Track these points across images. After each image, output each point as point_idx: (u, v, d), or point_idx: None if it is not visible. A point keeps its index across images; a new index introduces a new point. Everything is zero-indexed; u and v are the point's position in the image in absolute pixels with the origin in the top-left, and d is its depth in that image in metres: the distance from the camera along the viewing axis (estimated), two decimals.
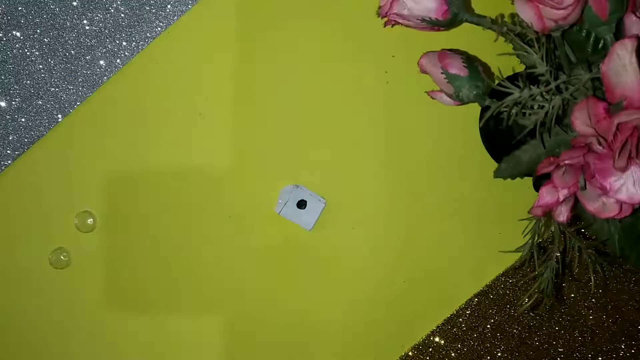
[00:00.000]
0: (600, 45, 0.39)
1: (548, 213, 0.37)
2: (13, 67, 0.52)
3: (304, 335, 0.53)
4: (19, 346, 0.51)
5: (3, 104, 0.52)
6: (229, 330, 0.52)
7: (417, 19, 0.39)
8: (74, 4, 0.52)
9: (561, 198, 0.35)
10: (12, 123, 0.52)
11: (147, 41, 0.52)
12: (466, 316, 0.54)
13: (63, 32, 0.52)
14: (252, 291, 0.52)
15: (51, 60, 0.52)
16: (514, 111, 0.37)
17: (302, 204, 0.50)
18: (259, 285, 0.52)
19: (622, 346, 0.54)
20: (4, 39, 0.52)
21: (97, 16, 0.52)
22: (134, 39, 0.52)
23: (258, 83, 0.53)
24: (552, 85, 0.36)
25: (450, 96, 0.41)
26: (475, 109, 0.47)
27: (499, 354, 0.54)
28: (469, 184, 0.53)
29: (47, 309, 0.52)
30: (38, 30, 0.52)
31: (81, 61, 0.52)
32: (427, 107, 0.52)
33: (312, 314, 0.53)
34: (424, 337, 0.53)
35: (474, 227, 0.53)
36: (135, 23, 0.52)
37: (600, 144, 0.33)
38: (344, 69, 0.53)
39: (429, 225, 0.53)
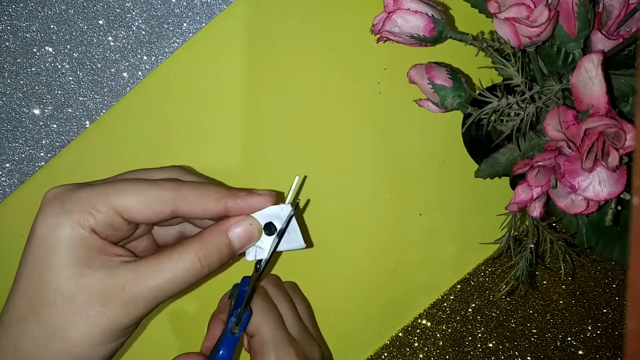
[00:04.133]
0: (569, 59, 0.39)
1: (523, 209, 0.37)
2: (45, 79, 0.52)
3: None
4: None
5: (37, 111, 0.52)
6: None
7: (407, 36, 0.39)
8: (100, 22, 0.52)
9: (535, 195, 0.35)
10: (45, 129, 0.52)
11: (166, 55, 0.52)
12: (450, 301, 0.54)
13: (90, 48, 0.52)
14: None
15: (80, 72, 0.52)
16: (492, 118, 0.37)
17: (270, 229, 0.32)
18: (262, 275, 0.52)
19: (589, 327, 0.54)
20: (38, 53, 0.51)
21: (121, 33, 0.52)
22: (153, 53, 0.52)
23: (264, 93, 0.53)
24: (527, 95, 0.36)
25: (436, 104, 0.41)
26: (458, 116, 0.47)
27: (479, 335, 0.54)
28: (452, 183, 0.53)
29: None
30: (68, 46, 0.52)
31: (106, 73, 0.52)
32: (415, 114, 0.53)
33: (311, 299, 0.52)
34: (412, 319, 0.53)
35: (457, 221, 0.53)
36: (155, 39, 0.52)
37: (569, 147, 0.33)
38: (341, 80, 0.53)
39: (416, 219, 0.53)
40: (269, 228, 0.31)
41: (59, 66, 0.52)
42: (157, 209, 0.26)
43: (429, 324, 0.54)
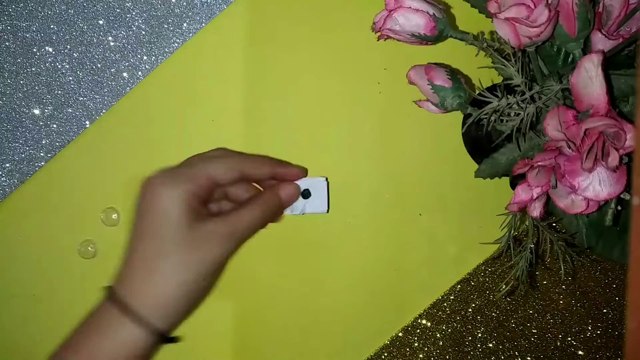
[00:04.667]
0: (569, 60, 0.39)
1: (523, 209, 0.37)
2: (46, 79, 0.52)
3: (305, 318, 0.53)
4: (49, 327, 0.51)
5: (37, 111, 0.52)
6: (238, 315, 0.52)
7: (407, 34, 0.39)
8: (100, 22, 0.52)
9: (535, 196, 0.35)
10: (45, 128, 0.52)
11: (166, 56, 0.52)
12: (450, 301, 0.54)
13: (90, 48, 0.52)
14: (258, 279, 0.52)
15: (80, 72, 0.52)
16: (492, 118, 0.37)
17: (306, 194, 0.45)
18: (264, 274, 0.52)
19: (589, 327, 0.54)
20: (38, 53, 0.51)
21: (121, 33, 0.52)
22: (153, 53, 0.52)
23: (263, 92, 0.53)
24: (527, 95, 0.36)
25: (435, 105, 0.40)
26: (458, 116, 0.47)
27: (479, 335, 0.54)
28: (453, 183, 0.53)
29: (75, 294, 0.52)
30: (68, 46, 0.52)
31: (106, 73, 0.52)
32: (415, 114, 0.52)
33: (312, 299, 0.53)
34: (412, 319, 0.53)
35: (457, 221, 0.53)
36: (155, 39, 0.52)
37: (569, 147, 0.33)
38: (341, 80, 0.53)
39: (416, 219, 0.53)
40: (305, 194, 0.44)
41: (59, 66, 0.52)
42: (234, 173, 0.38)
43: (429, 324, 0.54)
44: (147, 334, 0.34)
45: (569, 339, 0.54)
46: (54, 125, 0.52)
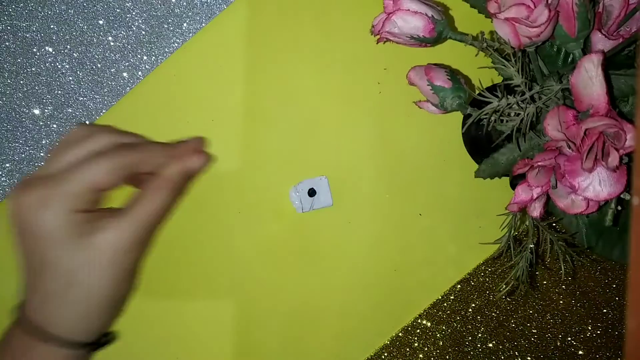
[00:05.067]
0: (569, 60, 0.39)
1: (523, 209, 0.37)
2: (46, 79, 0.52)
3: (305, 318, 0.53)
4: None
5: (37, 111, 0.52)
6: (238, 315, 0.52)
7: (406, 37, 0.39)
8: (100, 22, 0.52)
9: (535, 196, 0.35)
10: (45, 129, 0.52)
11: (166, 55, 0.52)
12: (450, 301, 0.54)
13: (90, 48, 0.52)
14: (259, 279, 0.52)
15: (80, 72, 0.52)
16: (492, 118, 0.37)
17: (312, 192, 0.50)
18: (265, 274, 0.52)
19: (589, 327, 0.55)
20: (38, 53, 0.52)
21: (121, 33, 0.52)
22: (153, 53, 0.52)
23: (263, 92, 0.53)
24: (527, 95, 0.36)
25: (435, 105, 0.41)
26: (458, 116, 0.47)
27: (479, 335, 0.54)
28: (453, 183, 0.53)
29: None
30: (68, 46, 0.52)
31: (106, 73, 0.52)
32: (415, 114, 0.53)
33: (313, 299, 0.53)
34: (412, 319, 0.53)
35: (457, 221, 0.53)
36: (155, 39, 0.52)
37: (569, 147, 0.33)
38: (342, 80, 0.53)
39: (416, 220, 0.53)
40: (311, 192, 0.50)
41: (59, 66, 0.52)
42: (119, 175, 0.33)
43: (429, 324, 0.54)
44: (68, 350, 0.32)
45: (569, 339, 0.55)
46: (54, 125, 0.52)
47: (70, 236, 0.32)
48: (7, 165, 0.52)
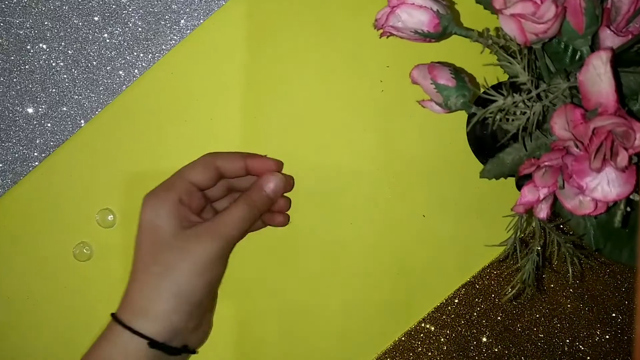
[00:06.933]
0: (577, 57, 0.39)
1: (529, 210, 0.37)
2: (40, 77, 0.52)
3: (306, 322, 0.53)
4: (44, 331, 0.52)
5: (30, 110, 0.52)
6: (237, 318, 0.52)
7: (410, 31, 0.39)
8: (95, 19, 0.52)
9: (541, 196, 0.35)
10: (39, 128, 0.52)
11: (163, 53, 0.53)
12: (454, 305, 0.54)
13: (85, 45, 0.52)
14: (259, 280, 0.53)
15: (75, 70, 0.52)
16: (498, 117, 0.37)
17: None
18: (265, 275, 0.53)
19: (597, 332, 0.54)
20: (32, 51, 0.52)
21: (117, 30, 0.52)
22: (150, 51, 0.52)
23: (263, 90, 0.53)
24: (533, 93, 0.36)
25: (439, 105, 0.41)
26: (462, 115, 0.47)
27: (485, 339, 0.54)
28: (457, 184, 0.53)
29: (71, 297, 0.52)
30: (63, 43, 0.52)
31: (102, 71, 0.52)
32: (418, 113, 0.53)
33: (314, 302, 0.53)
34: (415, 323, 0.53)
35: (461, 223, 0.53)
36: (152, 36, 0.52)
37: (577, 147, 0.33)
38: (343, 78, 0.53)
39: (420, 221, 0.53)
40: None
41: (54, 64, 0.52)
42: (210, 170, 0.43)
43: (432, 328, 0.54)
44: (144, 343, 0.37)
45: (577, 343, 0.54)
46: (48, 125, 0.52)
47: (172, 224, 0.39)
48: (0, 165, 0.52)
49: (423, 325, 0.54)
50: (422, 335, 0.53)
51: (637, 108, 0.36)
